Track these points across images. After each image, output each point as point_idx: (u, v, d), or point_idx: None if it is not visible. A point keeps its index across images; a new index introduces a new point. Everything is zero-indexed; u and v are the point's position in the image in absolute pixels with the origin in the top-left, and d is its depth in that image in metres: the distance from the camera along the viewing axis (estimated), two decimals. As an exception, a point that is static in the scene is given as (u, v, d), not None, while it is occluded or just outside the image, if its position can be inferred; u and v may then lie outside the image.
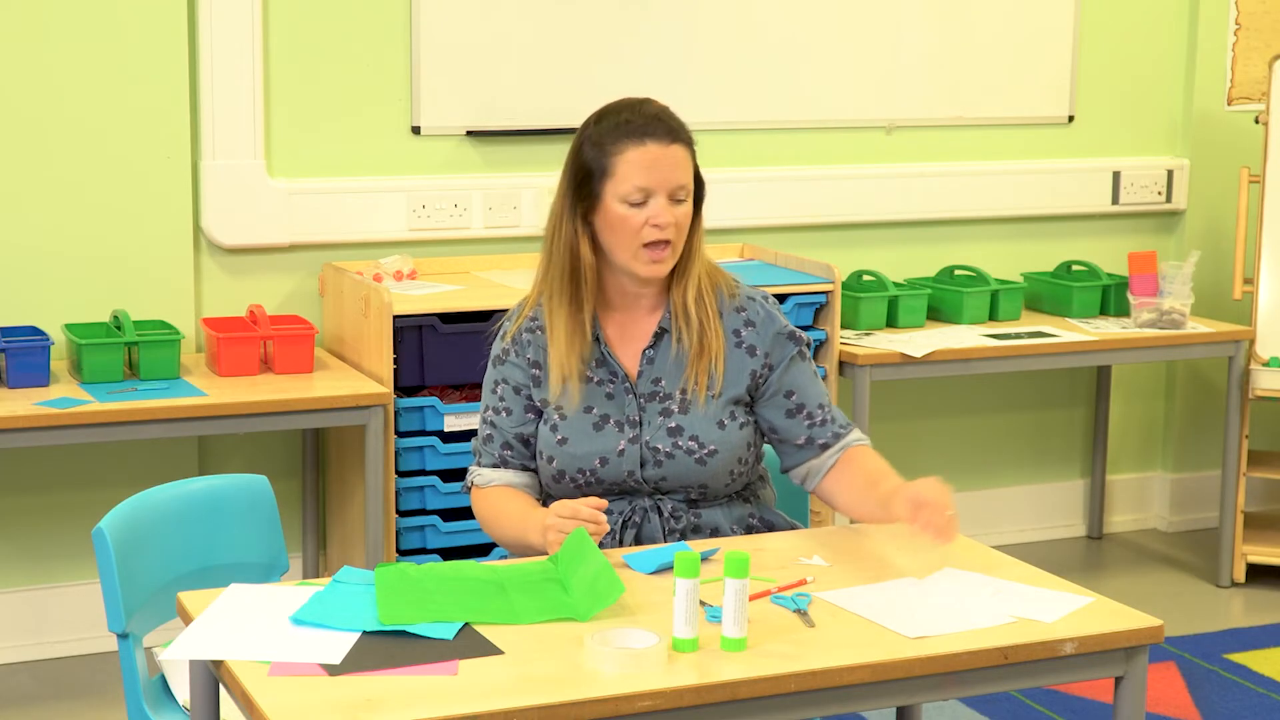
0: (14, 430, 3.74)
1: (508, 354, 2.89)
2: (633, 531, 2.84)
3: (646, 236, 2.77)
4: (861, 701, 2.34)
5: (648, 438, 2.83)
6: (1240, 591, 4.95)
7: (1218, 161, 5.34)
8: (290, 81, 4.39)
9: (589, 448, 2.83)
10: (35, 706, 4.04)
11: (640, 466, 2.83)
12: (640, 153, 2.77)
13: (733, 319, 2.88)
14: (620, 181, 2.77)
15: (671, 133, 2.80)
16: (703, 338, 2.84)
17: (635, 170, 2.77)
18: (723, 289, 2.90)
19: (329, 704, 2.13)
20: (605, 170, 2.78)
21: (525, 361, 2.88)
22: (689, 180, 2.82)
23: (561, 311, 2.83)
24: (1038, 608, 2.50)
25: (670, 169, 2.78)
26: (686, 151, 2.82)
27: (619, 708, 2.18)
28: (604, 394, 2.85)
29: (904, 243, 5.08)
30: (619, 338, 2.88)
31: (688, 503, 2.87)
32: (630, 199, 2.77)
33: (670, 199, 2.78)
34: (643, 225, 2.77)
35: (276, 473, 4.28)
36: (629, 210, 2.77)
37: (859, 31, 4.93)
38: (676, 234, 2.79)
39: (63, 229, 4.21)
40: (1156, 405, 5.52)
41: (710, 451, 2.83)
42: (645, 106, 2.83)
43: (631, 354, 2.88)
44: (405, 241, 4.52)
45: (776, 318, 2.90)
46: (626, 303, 2.88)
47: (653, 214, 2.77)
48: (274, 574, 2.96)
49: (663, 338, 2.87)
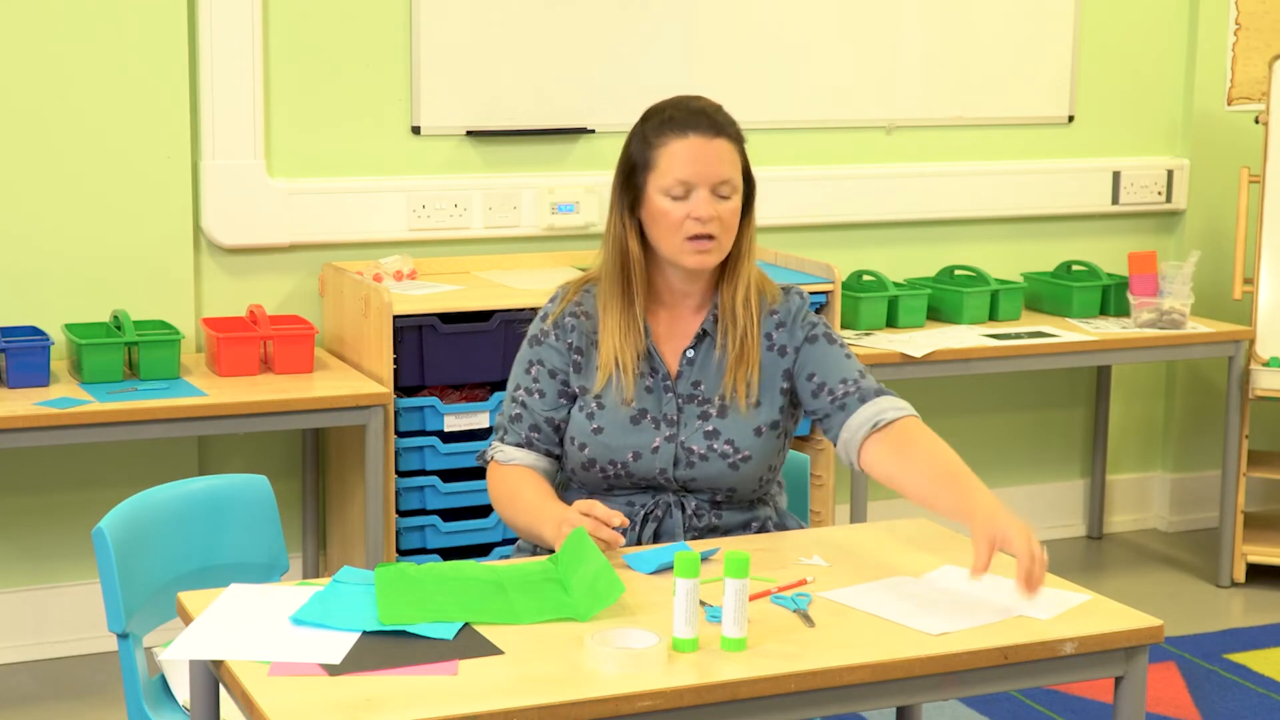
0: (14, 430, 3.74)
1: (547, 335, 2.88)
2: (653, 526, 2.84)
3: (688, 230, 2.77)
4: (861, 701, 2.34)
5: (684, 438, 2.83)
6: (1240, 591, 4.96)
7: (1218, 161, 5.34)
8: (290, 81, 4.39)
9: (624, 440, 2.82)
10: (35, 706, 4.04)
11: (673, 465, 2.83)
12: (682, 145, 2.78)
13: (767, 323, 2.88)
14: (662, 174, 2.78)
15: (715, 127, 2.80)
16: (744, 344, 2.84)
17: (676, 163, 2.77)
18: (765, 295, 2.90)
19: (329, 704, 2.13)
20: (648, 163, 2.80)
21: (566, 346, 2.87)
22: (733, 175, 2.81)
23: (614, 305, 2.84)
24: (1035, 605, 2.50)
25: (712, 162, 2.78)
26: (732, 147, 2.82)
27: (619, 708, 2.18)
28: (644, 387, 2.85)
29: (904, 243, 5.08)
30: (664, 335, 2.88)
31: (711, 504, 2.87)
32: (671, 192, 2.77)
33: (713, 193, 2.78)
34: (684, 219, 2.77)
35: (276, 473, 4.28)
36: (671, 203, 2.77)
37: (859, 31, 4.93)
38: (721, 229, 2.78)
39: (63, 229, 4.21)
40: (1156, 405, 5.52)
41: (744, 457, 2.83)
42: (692, 102, 2.84)
43: (674, 351, 2.87)
44: (405, 241, 4.52)
45: (801, 310, 2.90)
46: (674, 299, 2.88)
47: (693, 207, 2.77)
48: (274, 574, 2.96)
49: (704, 340, 2.87)
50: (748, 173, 2.85)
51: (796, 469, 3.21)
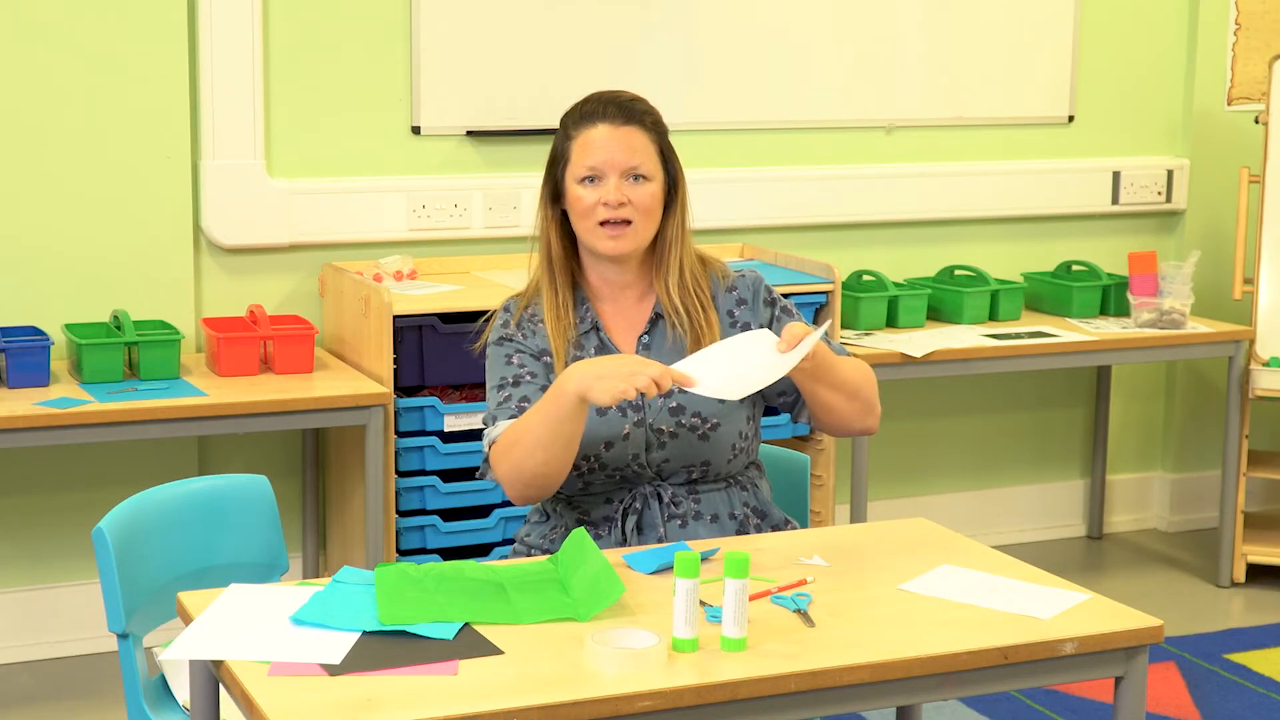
0: (14, 430, 3.74)
1: (514, 333, 2.92)
2: (633, 518, 2.86)
3: (599, 215, 2.84)
4: (861, 701, 2.34)
5: (651, 420, 2.85)
6: (1240, 591, 4.96)
7: (1218, 161, 5.34)
8: (290, 81, 4.39)
9: (594, 432, 2.83)
10: (35, 706, 4.04)
11: (645, 450, 2.85)
12: (590, 133, 2.87)
13: (726, 300, 2.94)
14: (574, 164, 2.87)
15: (625, 115, 2.88)
16: (695, 327, 2.88)
17: (585, 151, 2.86)
18: (716, 274, 2.96)
19: (329, 704, 2.13)
20: (563, 155, 2.90)
21: (533, 348, 2.90)
22: (645, 161, 2.87)
23: (544, 296, 2.91)
24: (1034, 604, 2.50)
25: (620, 149, 2.85)
26: (644, 134, 2.88)
27: (619, 708, 2.18)
28: None
29: (904, 243, 5.08)
30: (615, 326, 2.93)
31: (688, 484, 2.88)
32: (583, 180, 2.86)
33: (624, 179, 2.85)
34: (595, 204, 2.84)
35: (276, 473, 4.28)
36: (583, 190, 2.86)
37: (859, 31, 4.93)
38: (635, 214, 2.85)
39: (63, 229, 4.21)
40: (1156, 405, 5.52)
41: (713, 426, 2.86)
42: (607, 94, 2.93)
43: (629, 341, 2.92)
44: (405, 241, 4.52)
45: (760, 288, 2.96)
46: (612, 292, 2.93)
47: (603, 193, 2.84)
48: (274, 574, 2.97)
49: (658, 323, 2.91)
50: (669, 161, 2.91)
51: (796, 469, 3.21)
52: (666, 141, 2.92)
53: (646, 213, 2.86)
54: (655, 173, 2.88)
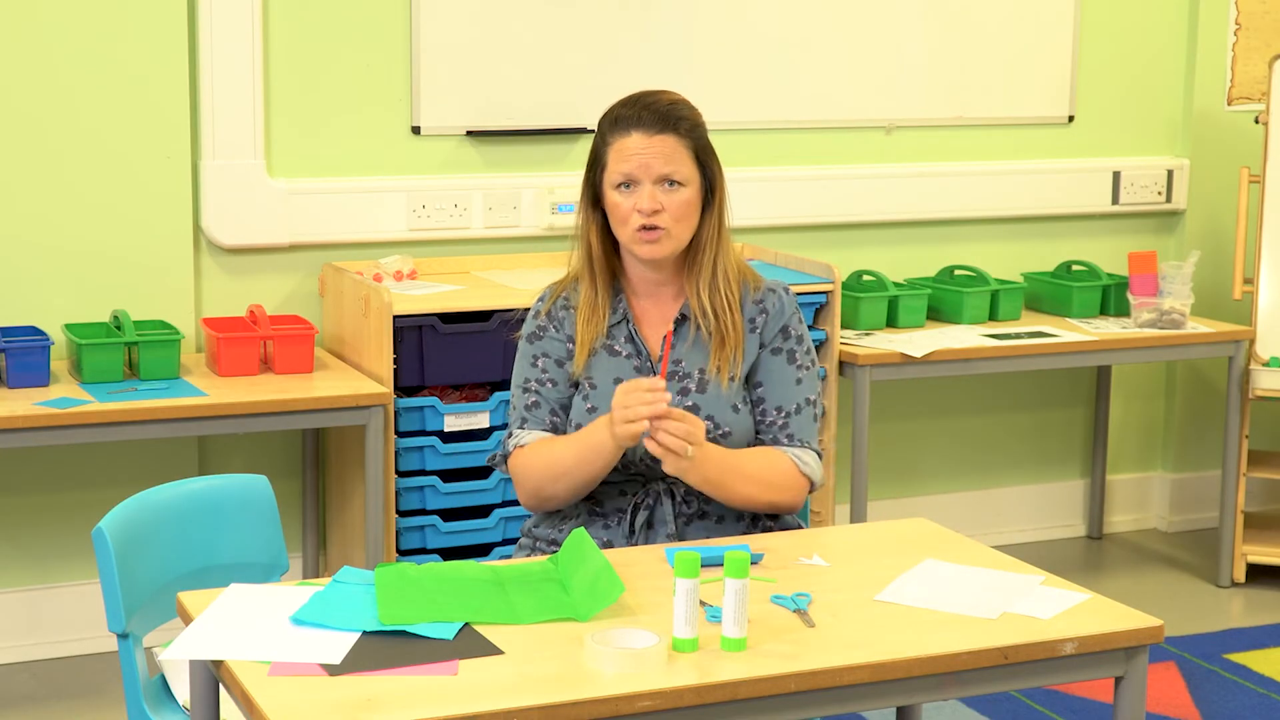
0: (14, 430, 3.74)
1: (545, 330, 2.98)
2: (645, 514, 2.89)
3: (635, 222, 2.88)
4: (861, 701, 2.34)
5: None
6: (1240, 591, 4.96)
7: (1218, 161, 5.34)
8: (290, 81, 4.39)
9: None
10: (35, 706, 4.04)
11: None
12: (625, 142, 2.90)
13: (751, 309, 2.98)
14: (610, 171, 2.91)
15: (661, 122, 2.89)
16: (722, 329, 2.93)
17: (620, 158, 2.89)
18: (748, 282, 2.99)
19: (329, 704, 2.13)
20: (601, 161, 2.93)
21: (563, 336, 2.96)
22: (679, 167, 2.89)
23: (582, 290, 2.97)
24: (1033, 604, 2.50)
25: (654, 157, 2.88)
26: (679, 140, 2.90)
27: (619, 708, 2.18)
28: (631, 367, 2.94)
29: (904, 243, 5.08)
30: (646, 320, 2.98)
31: None
32: (619, 187, 2.89)
33: (659, 185, 2.87)
34: (632, 211, 2.88)
35: (276, 473, 4.28)
36: (620, 197, 2.89)
37: (859, 31, 4.93)
38: (669, 220, 2.88)
39: (63, 229, 4.21)
40: (1156, 405, 5.52)
41: (725, 434, 2.90)
42: (643, 98, 2.94)
43: (657, 336, 2.97)
44: (405, 241, 4.52)
45: (786, 311, 2.98)
46: (648, 289, 2.98)
47: (638, 200, 2.87)
48: (274, 574, 2.97)
49: (684, 323, 2.96)
50: (706, 164, 2.93)
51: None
52: (704, 144, 2.94)
53: (682, 219, 2.90)
54: (690, 178, 2.90)
